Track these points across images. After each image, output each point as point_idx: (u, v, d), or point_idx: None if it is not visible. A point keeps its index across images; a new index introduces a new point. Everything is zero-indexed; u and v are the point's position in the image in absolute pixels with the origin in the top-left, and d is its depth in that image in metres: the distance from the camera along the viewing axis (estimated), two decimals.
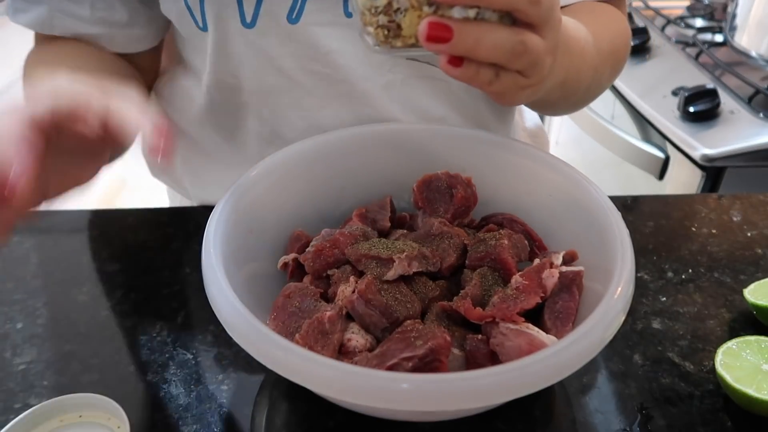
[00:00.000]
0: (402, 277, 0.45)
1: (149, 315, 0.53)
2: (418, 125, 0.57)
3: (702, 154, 1.08)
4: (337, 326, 0.42)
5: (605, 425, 0.44)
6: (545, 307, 0.44)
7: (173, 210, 0.67)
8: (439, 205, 0.52)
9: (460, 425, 0.44)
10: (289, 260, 0.48)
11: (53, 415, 0.42)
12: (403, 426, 0.44)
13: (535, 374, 0.34)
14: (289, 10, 0.53)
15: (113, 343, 0.50)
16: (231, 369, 0.48)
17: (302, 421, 0.44)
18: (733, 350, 0.47)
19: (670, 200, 0.72)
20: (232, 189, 0.47)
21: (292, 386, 0.46)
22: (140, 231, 0.64)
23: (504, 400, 0.34)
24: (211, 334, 0.51)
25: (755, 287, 0.53)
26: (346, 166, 0.55)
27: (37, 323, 0.52)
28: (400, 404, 0.33)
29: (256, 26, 0.54)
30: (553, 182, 0.51)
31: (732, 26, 1.30)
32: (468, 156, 0.54)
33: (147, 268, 0.58)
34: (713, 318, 0.53)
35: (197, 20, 0.54)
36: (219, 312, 0.38)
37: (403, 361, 0.37)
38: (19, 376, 0.47)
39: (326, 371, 0.33)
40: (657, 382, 0.47)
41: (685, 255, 0.61)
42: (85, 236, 0.63)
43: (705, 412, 0.45)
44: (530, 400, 0.45)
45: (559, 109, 0.69)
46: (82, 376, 0.48)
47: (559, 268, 0.44)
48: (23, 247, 0.61)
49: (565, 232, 0.50)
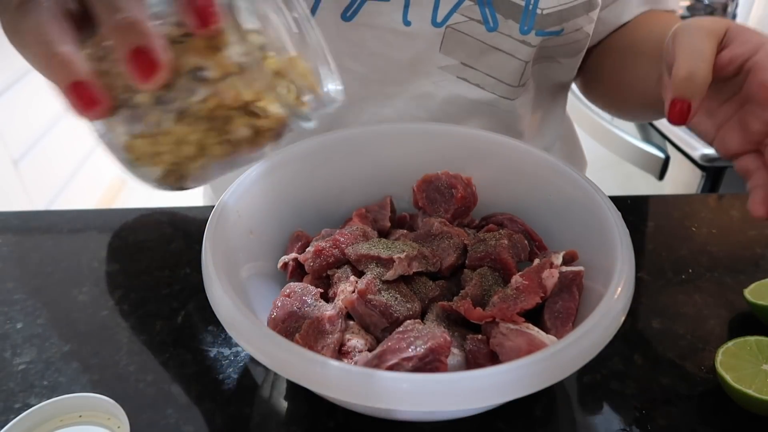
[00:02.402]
0: (402, 277, 0.45)
1: (149, 315, 0.53)
2: (418, 125, 0.57)
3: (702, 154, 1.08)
4: (337, 326, 0.42)
5: (605, 425, 0.44)
6: (545, 307, 0.44)
7: (173, 210, 0.67)
8: (439, 205, 0.52)
9: (460, 425, 0.44)
10: (289, 260, 0.48)
11: (53, 415, 0.42)
12: (403, 426, 0.44)
13: (535, 374, 0.33)
14: (346, 7, 0.53)
15: (113, 343, 0.50)
16: (231, 369, 0.48)
17: (302, 421, 0.44)
18: (733, 350, 0.47)
19: (670, 200, 0.72)
20: (232, 189, 0.47)
21: (292, 386, 0.47)
22: (140, 231, 0.64)
23: (504, 400, 0.34)
24: (211, 334, 0.51)
25: (755, 287, 0.53)
26: (346, 166, 0.55)
27: (37, 323, 0.52)
28: (400, 404, 0.32)
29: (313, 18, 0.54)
30: (553, 182, 0.51)
31: None
32: (468, 156, 0.54)
33: (147, 268, 0.58)
34: (713, 318, 0.53)
35: None
36: (219, 312, 0.38)
37: (403, 361, 0.37)
38: (19, 376, 0.47)
39: (326, 371, 0.33)
40: (657, 382, 0.47)
41: (685, 255, 0.61)
42: (85, 236, 0.63)
43: (705, 412, 0.45)
44: (530, 400, 0.45)
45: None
46: (82, 376, 0.48)
47: (559, 268, 0.44)
48: (23, 247, 0.61)
49: (565, 232, 0.50)
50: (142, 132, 0.29)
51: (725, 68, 0.43)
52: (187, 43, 0.29)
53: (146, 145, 0.30)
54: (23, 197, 1.77)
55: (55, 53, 0.28)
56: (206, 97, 0.29)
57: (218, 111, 0.30)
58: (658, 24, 0.62)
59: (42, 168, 1.87)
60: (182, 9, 0.28)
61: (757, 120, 0.43)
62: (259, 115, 0.30)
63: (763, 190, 0.44)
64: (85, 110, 0.28)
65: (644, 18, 0.65)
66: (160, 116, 0.29)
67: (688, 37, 0.43)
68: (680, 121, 0.43)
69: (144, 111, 0.29)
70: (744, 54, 0.42)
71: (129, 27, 0.27)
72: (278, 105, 0.30)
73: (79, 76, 0.28)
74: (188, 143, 0.30)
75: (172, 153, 0.31)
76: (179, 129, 0.30)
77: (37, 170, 1.84)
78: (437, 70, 0.60)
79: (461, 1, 0.54)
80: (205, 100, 0.29)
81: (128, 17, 0.27)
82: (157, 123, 0.29)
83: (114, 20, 0.27)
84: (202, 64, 0.29)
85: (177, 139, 0.30)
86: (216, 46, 0.29)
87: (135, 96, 0.29)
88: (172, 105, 0.29)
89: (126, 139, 0.30)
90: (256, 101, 0.30)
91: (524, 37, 0.57)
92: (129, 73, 0.27)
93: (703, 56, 0.41)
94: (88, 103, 0.28)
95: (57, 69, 0.28)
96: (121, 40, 0.27)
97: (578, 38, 0.60)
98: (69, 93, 0.28)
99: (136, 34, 0.27)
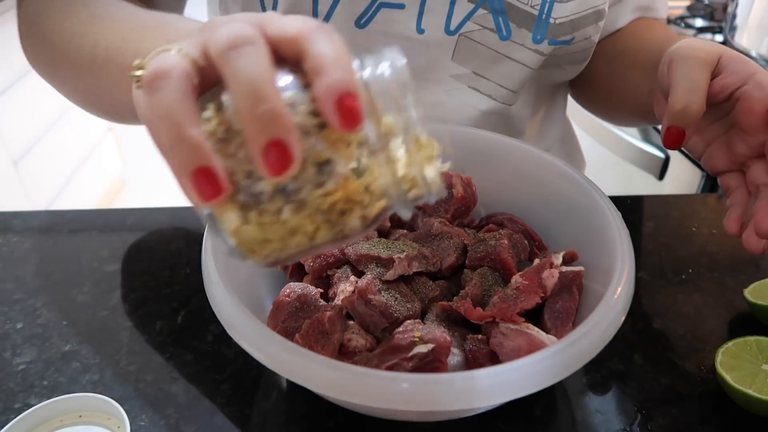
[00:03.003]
0: (402, 277, 0.45)
1: (149, 315, 0.53)
2: None
3: None
4: (337, 326, 0.42)
5: (605, 425, 0.44)
6: (545, 307, 0.44)
7: (173, 210, 0.67)
8: (439, 205, 0.52)
9: (460, 425, 0.44)
10: None
11: (53, 415, 0.42)
12: (403, 426, 0.44)
13: (535, 374, 0.33)
14: (360, 14, 0.54)
15: (113, 343, 0.50)
16: (231, 369, 0.48)
17: (302, 421, 0.44)
18: (733, 350, 0.47)
19: (670, 200, 0.72)
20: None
21: (292, 386, 0.47)
22: (140, 231, 0.64)
23: (504, 400, 0.34)
24: (211, 334, 0.51)
25: (755, 287, 0.53)
26: None
27: (37, 323, 0.52)
28: (400, 404, 0.32)
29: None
30: (553, 182, 0.51)
31: (732, 26, 1.30)
32: (468, 156, 0.54)
33: (147, 268, 0.58)
34: (713, 318, 0.53)
35: (265, 9, 0.54)
36: (219, 312, 0.38)
37: (403, 361, 0.37)
38: (19, 376, 0.47)
39: (326, 371, 0.33)
40: (657, 382, 0.47)
41: (685, 255, 0.61)
42: (85, 236, 0.63)
43: (705, 412, 0.45)
44: (530, 400, 0.45)
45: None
46: (82, 376, 0.48)
47: (559, 268, 0.44)
48: (23, 247, 0.61)
49: (565, 232, 0.50)
50: (258, 220, 0.28)
51: (717, 96, 0.46)
52: (320, 134, 0.27)
53: (255, 231, 0.28)
54: (23, 197, 1.77)
55: (184, 137, 0.26)
56: (331, 190, 0.28)
57: (340, 204, 0.28)
58: (650, 34, 0.64)
59: (42, 168, 1.87)
60: (325, 105, 0.26)
61: (742, 143, 0.46)
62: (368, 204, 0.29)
63: (739, 208, 0.47)
64: (206, 199, 0.26)
65: (636, 25, 0.67)
66: (280, 206, 0.28)
67: (684, 67, 0.45)
68: (675, 146, 0.46)
69: (263, 199, 0.28)
70: (734, 84, 0.45)
71: (272, 120, 0.25)
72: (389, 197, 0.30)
73: (207, 163, 0.26)
74: (302, 233, 0.29)
75: (282, 241, 0.29)
76: (298, 220, 0.28)
77: (37, 170, 1.84)
78: (449, 79, 0.60)
79: (475, 10, 0.55)
80: (329, 193, 0.28)
81: (273, 109, 0.25)
82: (275, 212, 0.28)
83: (258, 111, 0.25)
84: (332, 157, 0.27)
85: (290, 229, 0.28)
86: (346, 139, 0.28)
87: (256, 183, 0.27)
88: (296, 196, 0.28)
89: (236, 224, 0.28)
90: (380, 196, 0.29)
91: (537, 47, 0.57)
92: (261, 165, 0.26)
93: (698, 88, 0.44)
94: (211, 192, 0.26)
95: (184, 153, 0.26)
96: (260, 131, 0.25)
97: (586, 47, 0.61)
98: (193, 179, 0.26)
99: (278, 127, 0.25)
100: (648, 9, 0.68)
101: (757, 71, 0.45)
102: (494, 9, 0.55)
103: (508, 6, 0.55)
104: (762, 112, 0.43)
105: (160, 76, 0.26)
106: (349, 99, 0.25)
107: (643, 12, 0.68)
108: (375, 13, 0.54)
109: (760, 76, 0.44)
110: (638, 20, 0.68)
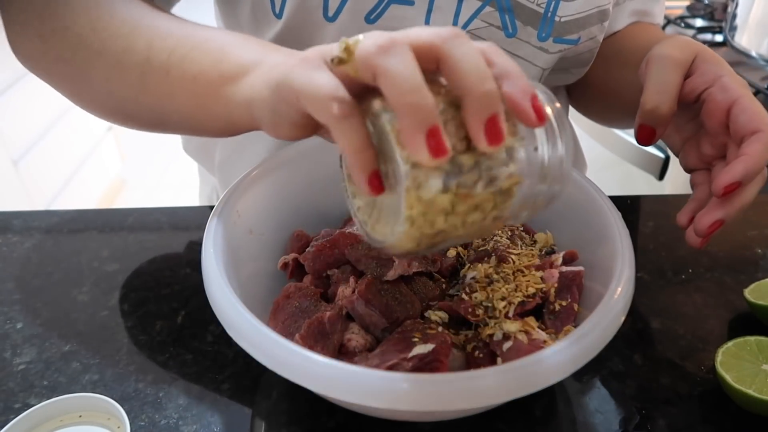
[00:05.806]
0: (402, 277, 0.45)
1: (149, 315, 0.53)
2: None
3: None
4: (337, 326, 0.42)
5: (605, 425, 0.44)
6: (545, 307, 0.44)
7: (173, 210, 0.67)
8: None
9: (460, 425, 0.44)
10: (289, 260, 0.48)
11: (53, 415, 0.42)
12: (403, 426, 0.44)
13: (535, 374, 0.34)
14: (370, 10, 0.54)
15: (113, 343, 0.50)
16: (231, 369, 0.48)
17: (302, 421, 0.44)
18: (733, 350, 0.47)
19: (670, 200, 0.72)
20: (232, 188, 0.47)
21: (292, 386, 0.46)
22: (140, 231, 0.64)
23: (504, 400, 0.34)
24: (211, 334, 0.51)
25: (755, 287, 0.53)
26: None
27: (37, 323, 0.52)
28: (400, 404, 0.32)
29: (336, 21, 0.54)
30: None
31: (732, 26, 1.30)
32: None
33: (147, 268, 0.58)
34: (713, 318, 0.53)
35: (275, 5, 0.54)
36: (219, 312, 0.38)
37: (403, 361, 0.37)
38: (19, 376, 0.47)
39: (326, 371, 0.33)
40: (657, 382, 0.47)
41: (685, 255, 0.61)
42: (85, 236, 0.63)
43: (705, 412, 0.45)
44: (530, 400, 0.45)
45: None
46: (82, 376, 0.48)
47: (559, 268, 0.44)
48: (23, 247, 0.61)
49: (565, 232, 0.50)
50: (456, 191, 0.31)
51: (687, 96, 0.47)
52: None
53: (446, 201, 0.31)
54: (23, 197, 1.77)
55: (425, 97, 0.29)
56: (513, 172, 0.32)
57: (513, 188, 0.32)
58: (644, 36, 0.65)
59: (42, 168, 1.87)
60: (522, 102, 0.30)
61: (708, 144, 0.48)
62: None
63: (696, 204, 0.48)
64: (436, 155, 0.29)
65: (632, 29, 0.68)
66: (477, 178, 0.31)
67: (657, 67, 0.47)
68: (646, 143, 0.49)
69: (465, 170, 0.31)
70: (702, 86, 0.46)
71: (495, 97, 0.30)
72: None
73: (439, 124, 0.29)
74: (481, 211, 0.32)
75: (459, 217, 0.32)
76: (485, 195, 0.31)
77: (37, 170, 1.84)
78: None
79: (482, 7, 0.55)
80: (512, 174, 0.32)
81: (495, 89, 0.30)
82: (472, 185, 0.31)
83: (485, 88, 0.30)
84: (514, 144, 0.32)
85: (473, 206, 0.31)
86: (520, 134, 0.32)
87: (460, 156, 0.31)
88: (490, 172, 0.31)
89: (437, 190, 0.30)
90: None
91: (542, 44, 0.58)
92: (481, 135, 0.30)
93: (668, 89, 0.46)
94: (442, 150, 0.29)
95: (424, 113, 0.29)
96: (485, 107, 0.30)
97: (592, 47, 0.62)
98: (429, 135, 0.29)
99: (497, 105, 0.30)
100: (645, 14, 0.69)
101: (724, 74, 0.45)
102: (501, 7, 0.55)
103: (515, 4, 0.55)
104: (722, 115, 0.45)
105: (392, 44, 0.30)
106: (535, 99, 0.31)
107: (640, 17, 0.69)
108: (385, 9, 0.54)
109: (726, 79, 0.45)
110: (634, 24, 0.69)
